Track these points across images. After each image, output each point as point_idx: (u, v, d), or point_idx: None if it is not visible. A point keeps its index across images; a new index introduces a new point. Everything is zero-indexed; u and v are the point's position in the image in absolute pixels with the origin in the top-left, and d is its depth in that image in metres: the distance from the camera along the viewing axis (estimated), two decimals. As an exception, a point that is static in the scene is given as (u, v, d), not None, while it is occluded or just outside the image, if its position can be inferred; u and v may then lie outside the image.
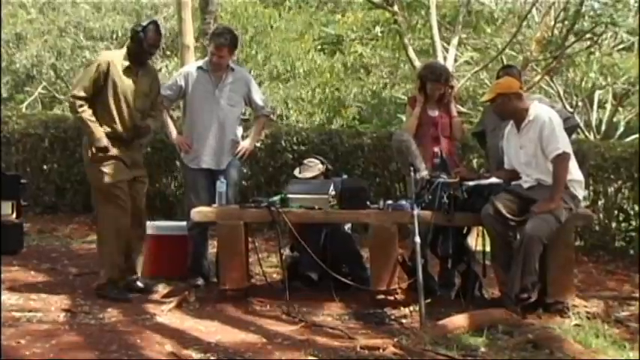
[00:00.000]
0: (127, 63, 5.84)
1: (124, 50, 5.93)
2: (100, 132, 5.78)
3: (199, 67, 6.46)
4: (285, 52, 15.56)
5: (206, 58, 6.58)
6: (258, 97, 6.62)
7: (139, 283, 6.08)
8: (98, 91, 5.78)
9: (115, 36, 16.08)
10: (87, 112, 5.77)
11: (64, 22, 16.14)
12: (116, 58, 5.86)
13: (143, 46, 5.84)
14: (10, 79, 16.77)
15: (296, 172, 6.52)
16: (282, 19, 16.11)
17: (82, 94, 5.77)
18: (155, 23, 5.97)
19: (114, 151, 5.82)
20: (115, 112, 5.82)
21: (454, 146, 6.45)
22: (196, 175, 6.42)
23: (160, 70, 15.02)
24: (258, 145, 8.76)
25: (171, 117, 6.67)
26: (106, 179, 5.80)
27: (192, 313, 5.56)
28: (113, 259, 5.88)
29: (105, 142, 5.78)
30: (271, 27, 15.73)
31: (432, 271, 6.24)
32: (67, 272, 6.84)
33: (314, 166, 6.45)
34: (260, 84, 15.15)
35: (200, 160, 6.39)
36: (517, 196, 5.47)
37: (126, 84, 5.84)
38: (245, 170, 6.89)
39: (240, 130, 6.58)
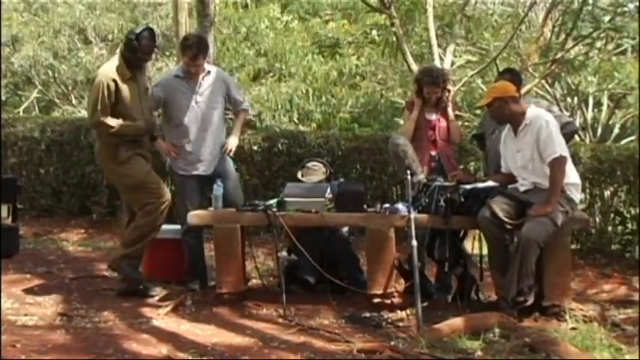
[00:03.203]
0: (127, 73, 5.92)
1: (119, 59, 5.96)
2: (137, 124, 6.01)
3: (176, 76, 6.47)
4: (279, 50, 15.53)
5: (181, 65, 6.59)
6: (236, 93, 6.66)
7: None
8: (111, 107, 5.89)
9: (110, 37, 16.04)
10: (114, 121, 5.89)
11: (59, 22, 16.10)
12: (115, 72, 5.92)
13: (137, 54, 5.90)
14: (7, 81, 16.73)
15: (299, 175, 6.50)
16: (276, 20, 16.10)
17: (103, 117, 5.88)
18: (149, 30, 6.01)
19: (132, 151, 6.02)
20: (131, 119, 5.95)
21: (452, 149, 6.45)
22: (186, 180, 6.42)
23: (161, 69, 15.01)
24: (254, 148, 8.76)
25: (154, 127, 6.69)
26: (138, 174, 5.99)
27: (189, 317, 5.56)
28: (133, 263, 6.06)
29: (147, 127, 6.09)
30: (266, 27, 15.71)
31: (428, 275, 6.25)
32: (63, 276, 6.83)
33: (318, 170, 6.43)
34: (253, 80, 15.19)
35: (193, 168, 6.38)
36: (514, 200, 5.48)
37: (131, 92, 5.95)
38: (240, 173, 6.86)
39: (224, 130, 6.61)
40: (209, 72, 6.47)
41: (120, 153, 5.98)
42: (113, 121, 5.88)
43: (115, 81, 5.86)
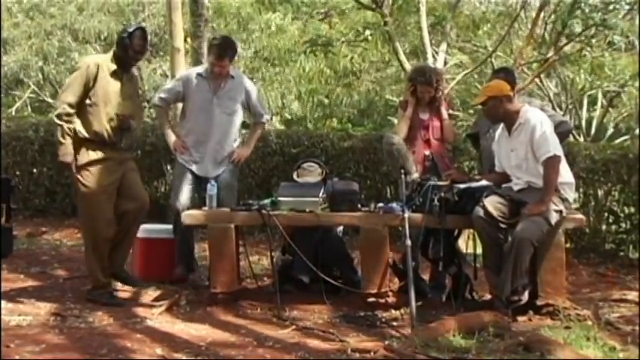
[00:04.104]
0: (113, 66, 5.81)
1: (110, 54, 5.91)
2: (70, 149, 5.70)
3: (199, 74, 6.46)
4: (273, 48, 15.50)
5: (205, 65, 6.58)
6: (258, 103, 6.65)
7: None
8: (86, 94, 5.74)
9: (102, 37, 16.03)
10: (68, 125, 5.69)
11: (50, 24, 16.07)
12: (103, 61, 5.82)
13: (129, 52, 5.82)
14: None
15: (294, 176, 6.48)
16: (269, 18, 16.06)
17: (72, 99, 5.70)
18: (141, 29, 5.93)
19: (96, 156, 5.77)
20: (102, 115, 5.76)
21: (445, 149, 6.46)
22: (186, 170, 6.42)
23: (155, 70, 15.00)
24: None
25: (169, 121, 6.69)
26: (93, 183, 5.76)
27: (183, 317, 5.55)
28: (98, 266, 5.84)
29: (70, 159, 5.71)
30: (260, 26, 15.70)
31: (422, 274, 6.25)
32: (57, 276, 6.82)
33: (314, 171, 6.41)
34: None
35: (192, 166, 6.39)
36: (508, 199, 5.48)
37: (112, 88, 5.80)
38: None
39: (238, 140, 6.58)
40: (232, 77, 6.46)
41: (81, 155, 5.76)
42: (68, 117, 5.66)
43: (98, 67, 5.73)
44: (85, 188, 5.78)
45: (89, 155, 5.77)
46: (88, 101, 5.75)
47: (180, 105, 6.84)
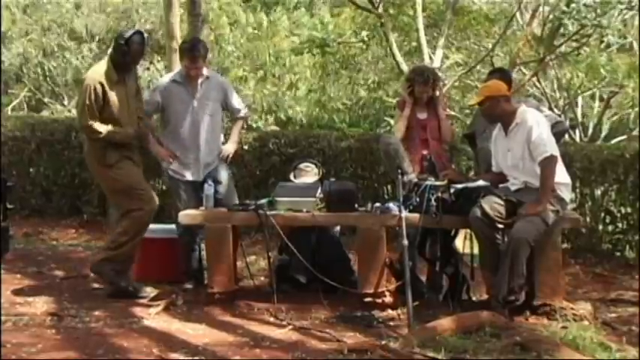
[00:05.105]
0: (114, 76, 5.88)
1: (107, 63, 5.94)
2: (126, 131, 5.95)
3: (174, 81, 6.43)
4: (264, 50, 15.50)
5: (179, 69, 6.57)
6: (235, 100, 6.63)
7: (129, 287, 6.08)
8: (102, 109, 5.86)
9: (97, 38, 16.01)
10: (103, 127, 5.85)
11: (48, 20, 16.07)
12: (103, 75, 5.89)
13: (126, 58, 5.87)
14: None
15: (291, 176, 6.48)
16: (264, 19, 16.04)
17: (93, 120, 5.85)
18: (139, 34, 5.96)
19: (122, 154, 5.98)
20: (118, 122, 5.90)
21: (443, 149, 6.46)
22: (181, 184, 6.41)
23: (149, 69, 14.98)
24: (245, 147, 8.75)
25: (152, 131, 6.67)
26: (127, 178, 5.94)
27: (180, 316, 5.55)
28: (131, 252, 6.00)
29: (148, 138, 6.22)
30: (253, 28, 15.69)
31: (419, 274, 6.25)
32: (54, 276, 6.82)
33: (311, 171, 6.43)
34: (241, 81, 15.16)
35: (184, 173, 6.38)
36: (505, 199, 5.48)
37: (119, 96, 5.90)
38: (232, 173, 6.86)
39: (221, 138, 6.58)
40: (208, 77, 6.44)
41: (108, 156, 5.93)
42: (102, 127, 5.84)
43: (102, 84, 5.83)
44: (119, 184, 5.96)
45: (116, 154, 5.94)
46: (104, 113, 5.88)
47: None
